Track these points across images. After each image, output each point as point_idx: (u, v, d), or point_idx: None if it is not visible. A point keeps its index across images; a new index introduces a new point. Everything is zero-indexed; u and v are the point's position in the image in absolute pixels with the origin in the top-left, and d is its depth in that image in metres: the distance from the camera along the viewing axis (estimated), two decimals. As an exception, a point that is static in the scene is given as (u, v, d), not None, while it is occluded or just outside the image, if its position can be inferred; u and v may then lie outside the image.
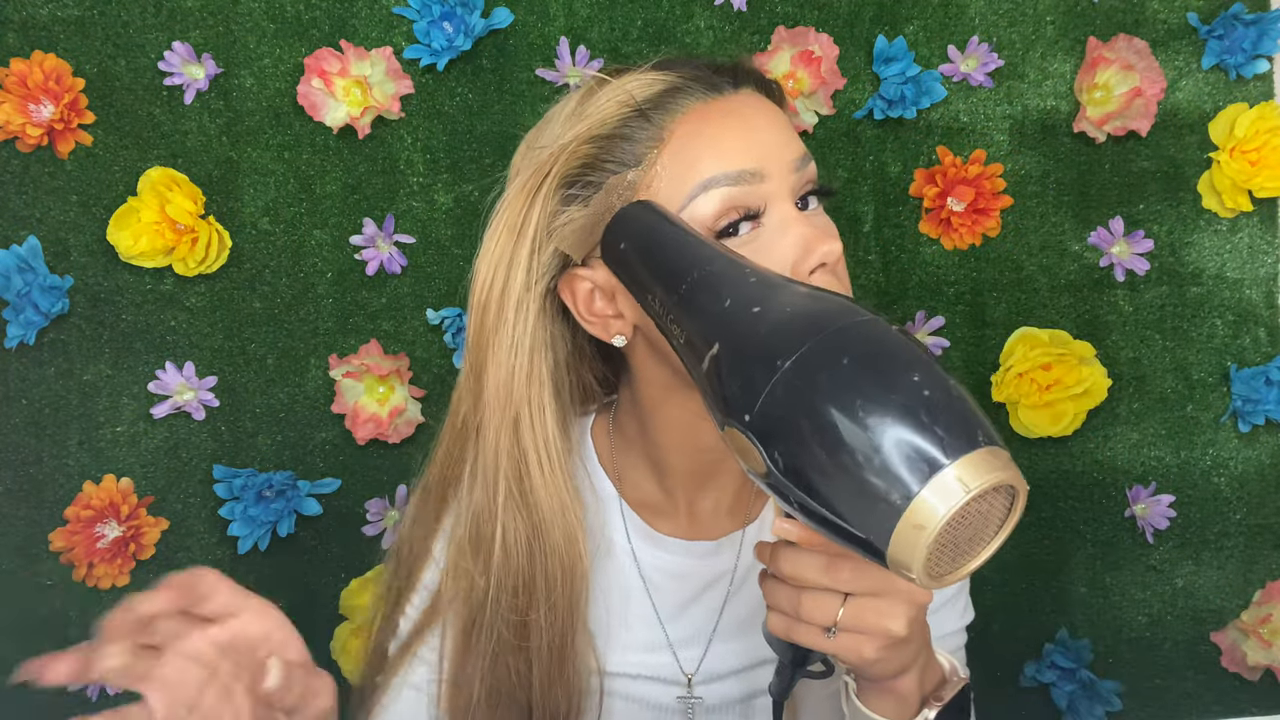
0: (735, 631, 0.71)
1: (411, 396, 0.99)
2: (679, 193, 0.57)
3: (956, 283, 1.05)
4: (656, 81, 0.59)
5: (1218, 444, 1.07)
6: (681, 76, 0.60)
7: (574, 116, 0.60)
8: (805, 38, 1.00)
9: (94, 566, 0.96)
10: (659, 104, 0.58)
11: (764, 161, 0.58)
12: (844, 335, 0.41)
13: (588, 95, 0.61)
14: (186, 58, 0.96)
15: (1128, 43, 1.02)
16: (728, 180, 0.56)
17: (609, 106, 0.59)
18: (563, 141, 0.59)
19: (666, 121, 0.58)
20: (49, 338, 0.96)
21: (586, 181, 0.59)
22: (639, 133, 0.58)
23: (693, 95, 0.59)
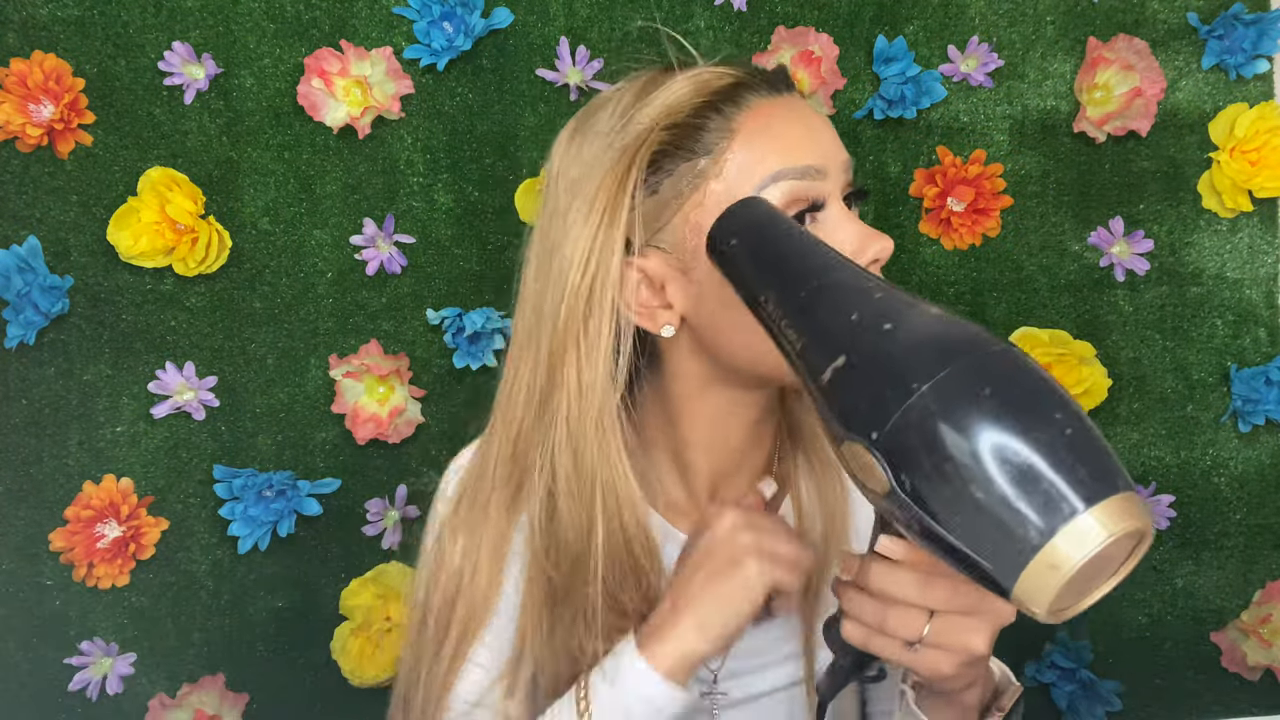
0: (755, 629, 0.71)
1: (411, 396, 0.99)
2: (747, 184, 0.58)
3: (956, 283, 1.05)
4: (724, 75, 0.61)
5: (1218, 444, 1.07)
6: (746, 73, 0.61)
7: (643, 104, 0.61)
8: (805, 38, 1.00)
9: (94, 566, 0.96)
10: (729, 96, 0.60)
11: (825, 160, 0.60)
12: (984, 364, 0.41)
13: (652, 84, 0.61)
14: (186, 58, 0.96)
15: (1128, 43, 1.02)
16: (794, 174, 0.58)
17: (683, 94, 0.60)
18: (643, 126, 0.60)
19: (736, 114, 0.59)
20: (49, 338, 0.96)
21: (657, 168, 0.60)
22: (710, 123, 0.59)
23: (759, 92, 0.60)
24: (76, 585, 0.97)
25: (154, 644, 0.99)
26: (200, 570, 0.99)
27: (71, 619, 0.97)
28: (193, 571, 0.99)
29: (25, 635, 0.97)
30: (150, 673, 0.99)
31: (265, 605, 1.00)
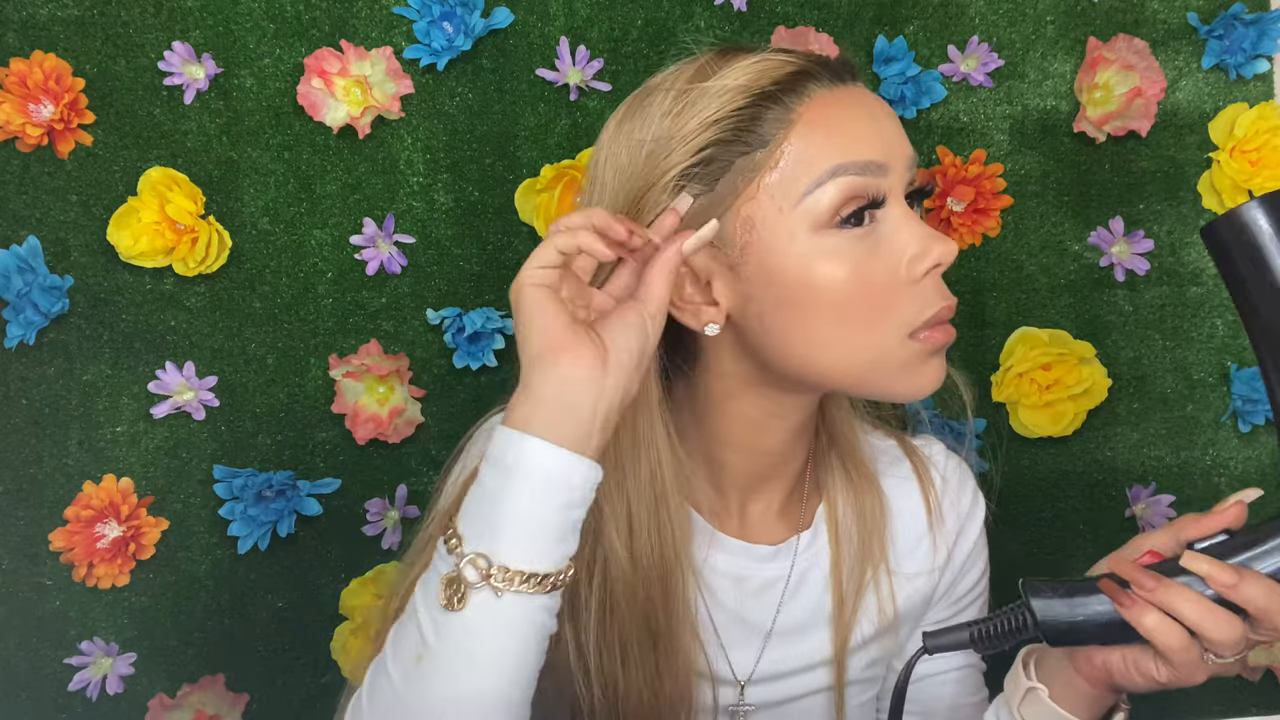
0: (788, 637, 0.71)
1: (411, 396, 0.99)
2: (805, 177, 0.56)
3: (956, 283, 1.05)
4: (786, 64, 0.58)
5: (1218, 444, 1.07)
6: (808, 61, 0.59)
7: (700, 90, 0.58)
8: (805, 38, 1.00)
9: (94, 566, 0.96)
10: (789, 86, 0.57)
11: (888, 155, 0.57)
12: None
13: (709, 68, 0.59)
14: (186, 58, 0.96)
15: (1128, 43, 1.02)
16: (855, 169, 0.56)
17: (741, 81, 0.57)
18: (700, 116, 0.57)
19: (795, 105, 0.57)
20: (49, 338, 0.96)
21: (711, 159, 0.57)
22: (769, 113, 0.56)
23: (820, 81, 0.58)
24: (76, 585, 0.97)
25: (154, 644, 0.99)
26: (200, 570, 0.99)
27: (71, 619, 0.97)
28: (193, 571, 0.99)
29: (25, 635, 0.97)
30: (150, 673, 0.99)
31: (265, 605, 1.00)
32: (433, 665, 0.50)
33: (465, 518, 0.52)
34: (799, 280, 0.57)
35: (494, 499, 0.51)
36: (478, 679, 0.50)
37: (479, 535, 0.51)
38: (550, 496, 0.51)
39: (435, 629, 0.51)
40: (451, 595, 0.50)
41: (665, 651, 0.64)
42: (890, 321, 0.58)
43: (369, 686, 0.54)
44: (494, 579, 0.50)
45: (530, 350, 0.53)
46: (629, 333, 0.54)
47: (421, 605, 0.52)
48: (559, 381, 0.51)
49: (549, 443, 0.51)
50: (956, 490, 0.76)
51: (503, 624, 0.51)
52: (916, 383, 0.60)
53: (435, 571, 0.52)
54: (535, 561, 0.51)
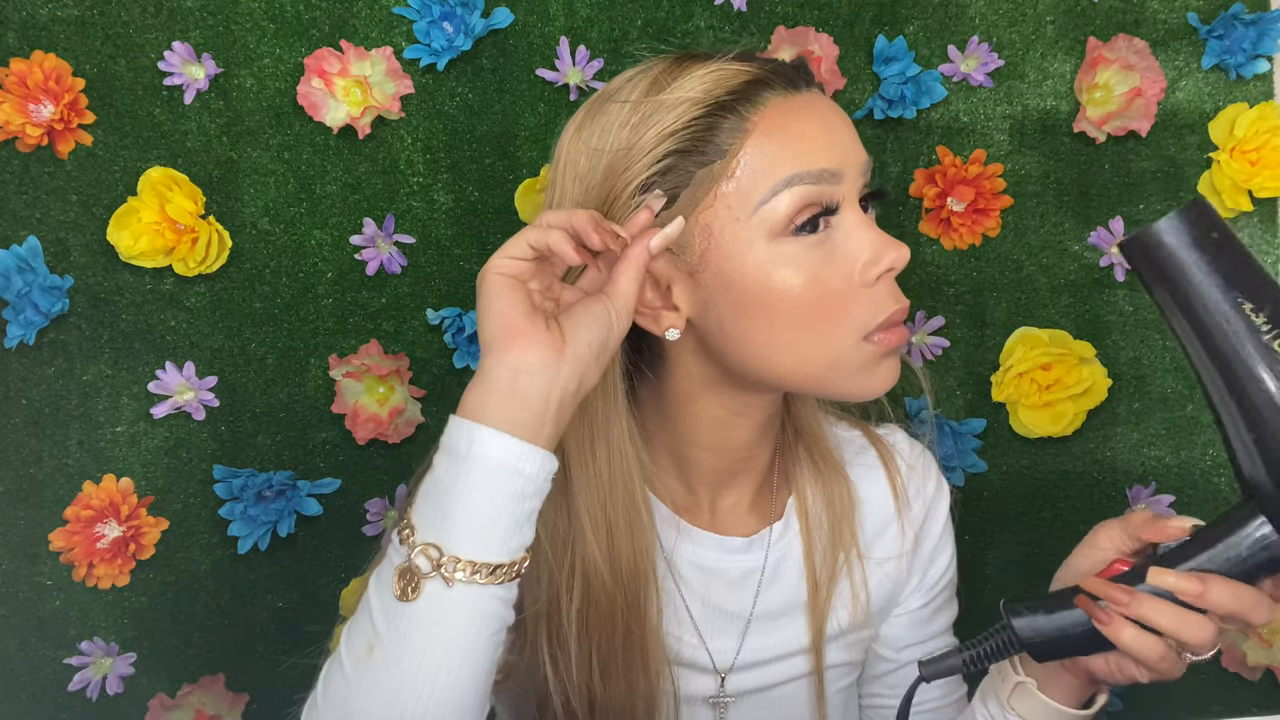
0: (766, 625, 0.72)
1: (411, 396, 0.99)
2: (760, 187, 0.57)
3: (956, 283, 1.05)
4: (740, 73, 0.59)
5: (1218, 444, 1.06)
6: (763, 69, 0.59)
7: (656, 100, 0.59)
8: (805, 38, 1.00)
9: (94, 566, 0.96)
10: (744, 95, 0.58)
11: (842, 162, 0.58)
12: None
13: (665, 77, 0.60)
14: (186, 58, 0.96)
15: (1128, 43, 1.02)
16: (810, 178, 0.57)
17: (697, 91, 0.58)
18: (656, 128, 0.58)
19: (750, 114, 0.57)
20: (49, 338, 0.96)
21: (669, 168, 0.58)
22: (725, 123, 0.57)
23: (775, 89, 0.59)
24: (76, 585, 0.97)
25: (154, 644, 0.99)
26: (200, 570, 0.99)
27: (71, 619, 0.97)
28: (193, 571, 0.99)
29: (25, 635, 0.97)
30: (150, 673, 0.99)
31: (265, 605, 1.00)
32: (384, 655, 0.50)
33: (418, 508, 0.52)
34: (757, 287, 0.58)
35: (446, 488, 0.51)
36: (429, 669, 0.50)
37: (430, 525, 0.51)
38: (502, 485, 0.51)
39: (387, 619, 0.50)
40: (405, 586, 0.50)
41: (641, 650, 0.65)
42: (845, 325, 0.59)
43: (323, 681, 0.53)
44: (445, 569, 0.50)
45: (486, 335, 0.53)
46: (592, 325, 0.54)
47: (374, 595, 0.52)
48: (513, 369, 0.51)
49: (501, 431, 0.51)
50: (922, 476, 0.78)
51: (454, 614, 0.50)
52: (872, 384, 0.61)
53: (389, 562, 0.52)
54: (488, 551, 0.51)
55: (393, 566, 0.51)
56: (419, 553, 0.50)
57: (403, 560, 0.51)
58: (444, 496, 0.51)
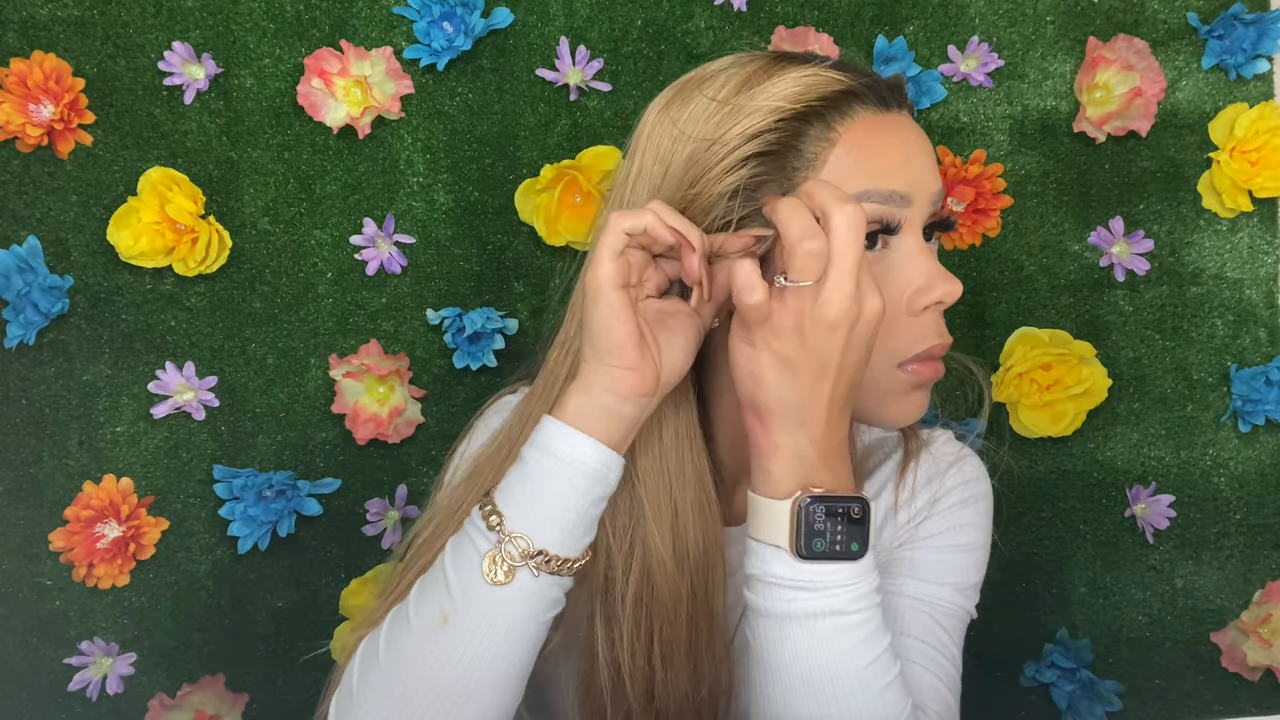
0: None
1: (411, 396, 0.99)
2: None
3: (956, 283, 1.05)
4: (834, 81, 0.59)
5: (1218, 444, 1.07)
6: (857, 81, 0.59)
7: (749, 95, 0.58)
8: (805, 38, 1.00)
9: (94, 566, 0.96)
10: (834, 105, 0.58)
11: (914, 187, 0.59)
12: None
13: (761, 74, 0.59)
14: (186, 58, 0.96)
15: (1128, 43, 1.02)
16: (880, 198, 0.57)
17: (791, 93, 0.58)
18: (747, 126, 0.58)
19: (838, 124, 0.58)
20: (49, 338, 0.96)
21: (753, 172, 0.58)
22: (810, 130, 0.58)
23: (866, 104, 0.59)
24: (76, 585, 0.97)
25: (154, 644, 0.99)
26: (200, 570, 0.99)
27: (71, 619, 0.97)
28: (193, 571, 0.99)
29: (25, 635, 0.97)
30: (150, 673, 0.99)
31: (265, 605, 1.00)
32: (458, 627, 0.54)
33: (507, 497, 0.56)
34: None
35: (539, 484, 0.55)
36: (497, 644, 0.54)
37: (521, 516, 0.55)
38: (591, 489, 0.55)
39: (466, 596, 0.54)
40: (494, 570, 0.54)
41: (707, 639, 0.65)
42: (881, 349, 0.59)
43: (388, 634, 0.56)
44: (533, 560, 0.54)
45: (598, 351, 0.56)
46: (684, 352, 0.58)
47: (453, 571, 0.55)
48: (617, 394, 0.55)
49: (596, 440, 0.55)
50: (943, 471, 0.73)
51: (532, 601, 0.55)
52: (896, 412, 0.61)
53: (469, 541, 0.56)
54: (568, 547, 0.55)
55: (478, 549, 0.55)
56: (510, 541, 0.55)
57: (492, 546, 0.55)
58: (537, 493, 0.55)
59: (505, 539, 0.54)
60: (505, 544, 0.54)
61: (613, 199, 0.64)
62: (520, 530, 0.55)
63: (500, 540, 0.55)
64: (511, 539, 0.54)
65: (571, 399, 0.56)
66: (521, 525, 0.55)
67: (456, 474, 0.70)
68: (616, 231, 0.55)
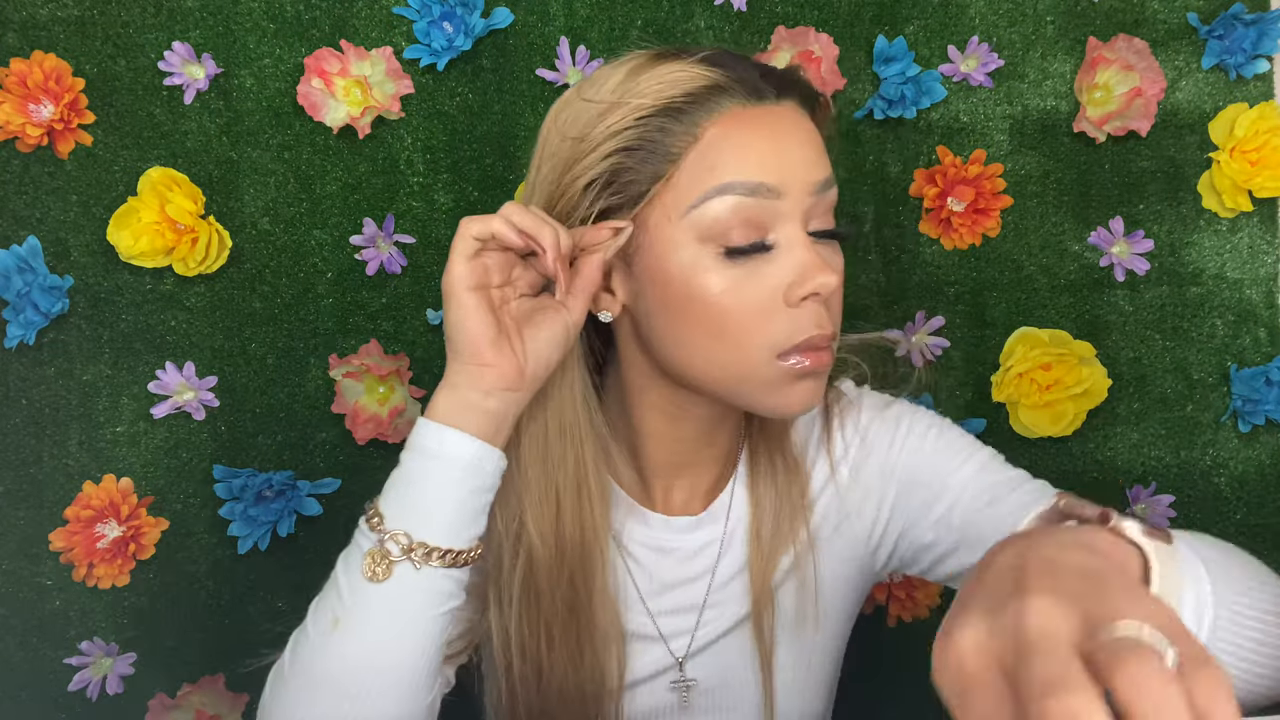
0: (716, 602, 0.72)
1: (411, 396, 0.99)
2: (694, 191, 0.58)
3: (956, 283, 1.05)
4: (700, 77, 0.59)
5: (1218, 444, 1.07)
6: (727, 75, 0.60)
7: (623, 94, 0.60)
8: (805, 38, 1.00)
9: (94, 566, 0.96)
10: (700, 101, 0.59)
11: (784, 179, 0.58)
12: None
13: (637, 71, 0.61)
14: (186, 58, 0.96)
15: (1128, 43, 1.02)
16: (744, 190, 0.58)
17: (653, 90, 0.59)
18: (613, 123, 0.60)
19: (702, 119, 0.59)
20: (49, 338, 0.96)
21: (616, 168, 0.60)
22: (675, 126, 0.59)
23: (733, 97, 0.59)
24: (76, 585, 0.97)
25: (154, 644, 0.99)
26: (200, 570, 0.99)
27: (71, 619, 0.97)
28: (193, 571, 0.99)
29: (25, 635, 0.97)
30: (150, 673, 0.99)
31: (265, 605, 1.00)
32: (349, 627, 0.56)
33: (387, 499, 0.59)
34: (679, 288, 0.59)
35: (415, 482, 0.58)
36: (388, 640, 0.56)
37: (400, 515, 0.57)
38: (465, 480, 0.57)
39: (354, 596, 0.57)
40: (374, 567, 0.56)
41: (585, 624, 0.67)
42: (758, 341, 0.59)
43: (290, 651, 0.60)
44: (414, 554, 0.56)
45: (456, 350, 0.58)
46: (550, 345, 0.59)
47: (342, 575, 0.58)
48: (479, 389, 0.57)
49: (467, 434, 0.57)
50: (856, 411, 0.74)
51: (416, 593, 0.56)
52: (782, 402, 0.61)
53: (356, 546, 0.58)
54: (451, 539, 0.57)
55: (361, 550, 0.57)
56: (390, 539, 0.57)
57: (373, 545, 0.57)
58: (413, 489, 0.58)
59: (385, 536, 0.57)
60: (386, 541, 0.56)
61: (522, 199, 0.67)
62: (399, 527, 0.57)
63: (380, 538, 0.57)
64: (392, 536, 0.56)
65: (440, 398, 0.58)
66: (400, 523, 0.57)
67: None
68: (466, 237, 0.57)
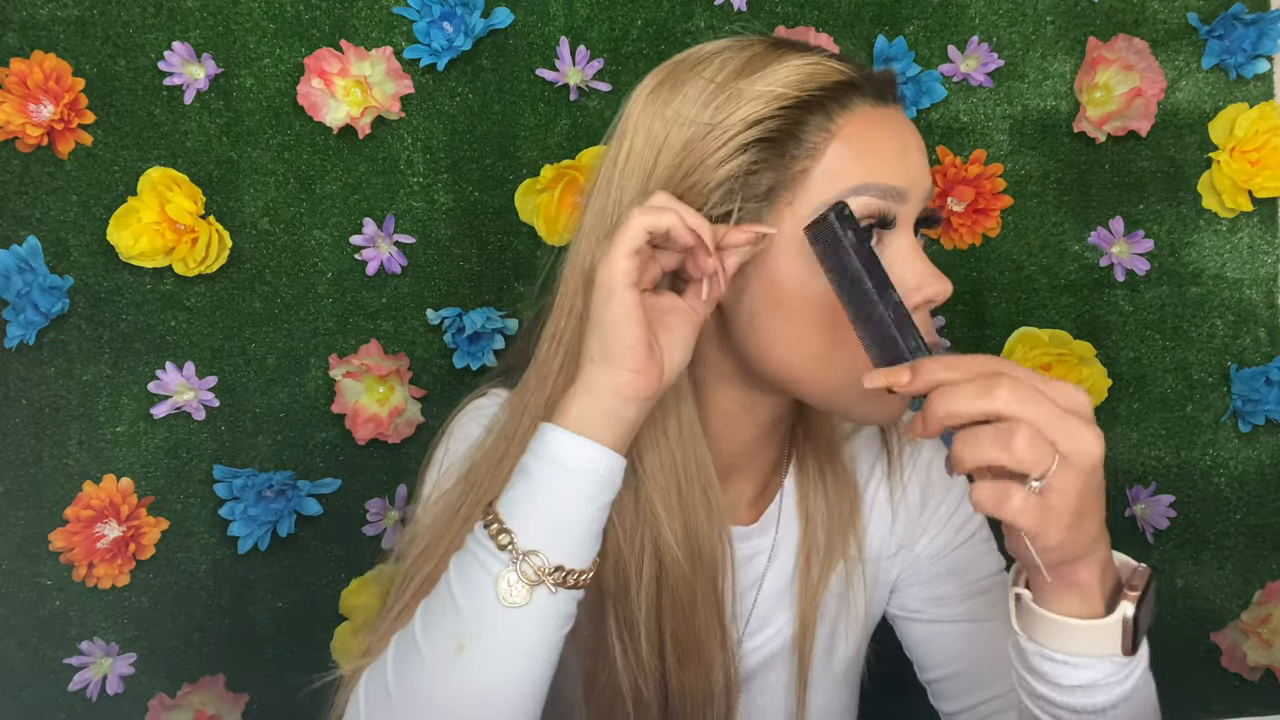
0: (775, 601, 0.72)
1: (411, 396, 0.99)
2: (827, 190, 0.57)
3: (956, 283, 1.05)
4: (835, 71, 0.58)
5: (1218, 444, 1.06)
6: (858, 74, 0.59)
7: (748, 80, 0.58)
8: (805, 38, 1.00)
9: (94, 566, 0.96)
10: (835, 96, 0.58)
11: (910, 183, 0.58)
12: None
13: (759, 60, 0.59)
14: (186, 58, 0.96)
15: (1128, 43, 1.02)
16: (878, 192, 0.57)
17: (793, 80, 0.57)
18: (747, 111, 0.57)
19: (838, 116, 0.57)
20: (49, 338, 0.96)
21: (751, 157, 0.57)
22: (810, 119, 0.57)
23: (864, 97, 0.58)
24: (76, 585, 0.97)
25: (154, 644, 0.99)
26: (200, 570, 0.99)
27: (71, 619, 0.97)
28: (193, 571, 0.99)
29: (25, 635, 0.97)
30: (150, 673, 0.99)
31: (265, 605, 1.00)
32: (475, 655, 0.52)
33: (514, 511, 0.53)
34: (796, 287, 0.57)
35: (548, 496, 0.53)
36: (519, 670, 0.52)
37: (534, 533, 0.52)
38: (600, 496, 0.54)
39: (481, 621, 0.52)
40: (509, 591, 0.52)
41: (720, 634, 0.65)
42: None
43: (397, 667, 0.54)
44: (551, 577, 0.52)
45: (609, 352, 0.54)
46: (682, 348, 0.56)
47: (461, 595, 0.53)
48: (623, 396, 0.54)
49: (603, 445, 0.53)
50: (927, 463, 0.76)
51: (550, 619, 0.53)
52: (878, 410, 0.61)
53: (479, 564, 0.53)
54: (583, 559, 0.53)
55: (489, 570, 0.52)
56: (524, 560, 0.52)
57: (504, 566, 0.52)
58: (549, 507, 0.53)
59: (519, 558, 0.52)
60: (520, 563, 0.52)
61: (599, 185, 0.63)
62: (533, 546, 0.52)
63: (514, 559, 0.52)
64: (525, 557, 0.52)
65: (575, 403, 0.54)
66: (534, 541, 0.52)
67: (444, 481, 0.68)
68: (638, 230, 0.53)
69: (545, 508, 0.53)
